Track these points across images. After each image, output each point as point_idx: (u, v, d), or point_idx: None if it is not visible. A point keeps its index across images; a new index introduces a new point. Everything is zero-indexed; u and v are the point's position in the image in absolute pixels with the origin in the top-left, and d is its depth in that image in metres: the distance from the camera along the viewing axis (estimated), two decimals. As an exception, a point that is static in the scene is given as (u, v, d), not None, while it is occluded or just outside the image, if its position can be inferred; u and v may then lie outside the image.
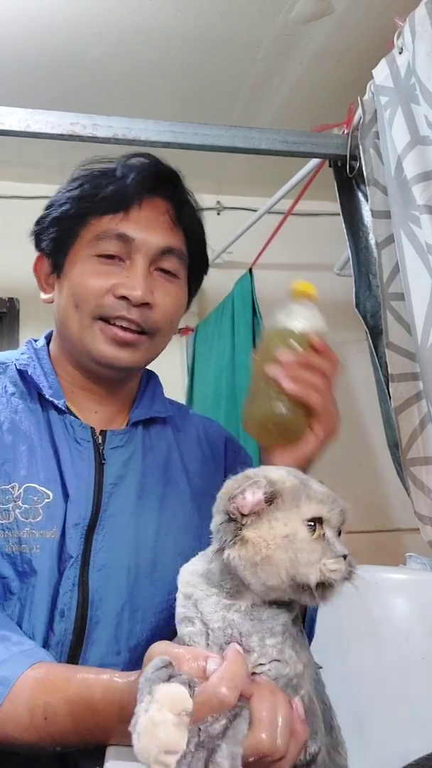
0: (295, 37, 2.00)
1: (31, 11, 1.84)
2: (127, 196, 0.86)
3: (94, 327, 0.86)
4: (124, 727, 0.61)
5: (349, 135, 1.48)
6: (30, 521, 0.79)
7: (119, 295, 0.85)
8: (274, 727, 0.56)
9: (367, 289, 1.46)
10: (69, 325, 0.88)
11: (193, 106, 2.26)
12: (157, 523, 0.88)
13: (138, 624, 0.81)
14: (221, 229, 2.79)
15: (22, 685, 0.66)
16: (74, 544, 0.80)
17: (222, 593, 0.62)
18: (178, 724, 0.49)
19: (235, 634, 0.60)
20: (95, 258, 0.86)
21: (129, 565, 0.83)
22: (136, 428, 0.93)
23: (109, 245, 0.86)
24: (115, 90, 2.16)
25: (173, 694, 0.50)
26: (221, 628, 0.60)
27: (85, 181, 0.89)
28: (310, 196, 1.96)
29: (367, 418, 2.71)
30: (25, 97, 1.92)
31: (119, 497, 0.86)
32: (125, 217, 0.86)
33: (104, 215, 0.86)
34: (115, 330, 0.86)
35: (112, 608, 0.80)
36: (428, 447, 1.23)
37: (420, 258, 1.18)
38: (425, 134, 1.19)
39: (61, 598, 0.78)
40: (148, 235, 0.87)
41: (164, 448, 0.95)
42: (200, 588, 0.64)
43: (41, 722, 0.65)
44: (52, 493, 0.81)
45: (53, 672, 0.68)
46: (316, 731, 0.63)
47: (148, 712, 0.49)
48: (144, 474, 0.90)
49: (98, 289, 0.85)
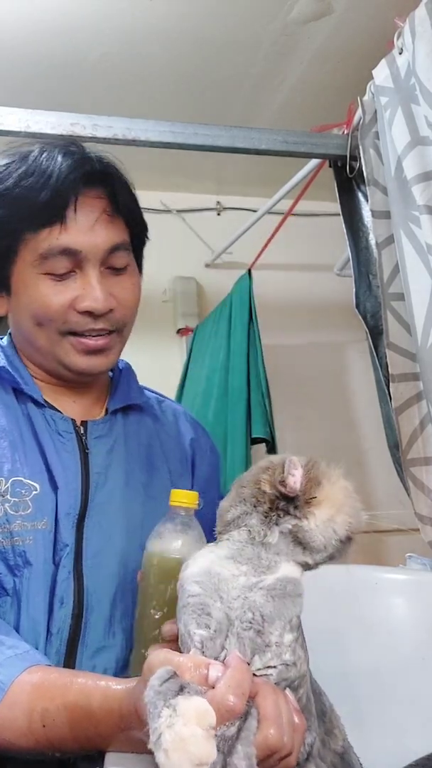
0: (295, 38, 2.00)
1: (32, 12, 1.84)
2: (60, 203, 0.81)
3: (63, 342, 0.85)
4: (123, 735, 0.61)
5: (349, 135, 1.48)
6: (21, 514, 0.80)
7: (82, 310, 0.83)
8: (280, 722, 0.56)
9: (367, 289, 1.46)
10: (35, 340, 0.86)
11: (194, 107, 2.26)
12: (143, 509, 0.89)
13: (130, 605, 0.83)
14: (221, 229, 2.79)
15: (19, 690, 0.66)
16: (68, 533, 0.82)
17: (253, 570, 0.62)
18: (207, 738, 0.49)
19: (257, 618, 0.59)
20: (45, 277, 0.83)
21: (120, 551, 0.85)
22: (116, 416, 0.94)
23: (56, 263, 0.82)
24: (115, 90, 2.16)
25: (198, 708, 0.50)
26: (242, 612, 0.60)
27: (13, 187, 0.82)
28: (310, 196, 1.96)
29: (367, 419, 2.72)
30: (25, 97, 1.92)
31: (106, 486, 0.87)
32: (63, 228, 0.81)
33: (41, 230, 0.81)
34: (87, 341, 0.85)
35: (107, 593, 0.82)
36: (428, 447, 1.23)
37: (420, 258, 1.18)
38: (425, 134, 1.19)
39: (60, 585, 0.79)
40: (93, 240, 0.83)
41: (144, 435, 0.97)
42: (227, 568, 0.63)
43: (39, 728, 0.64)
44: (39, 485, 0.82)
45: (50, 677, 0.67)
46: (309, 726, 0.63)
47: (174, 727, 0.49)
48: (128, 461, 0.91)
49: (58, 308, 0.83)
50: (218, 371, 2.33)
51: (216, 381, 2.33)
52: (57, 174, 0.81)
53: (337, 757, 0.67)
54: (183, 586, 0.63)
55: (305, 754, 0.61)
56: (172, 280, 2.78)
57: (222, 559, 0.64)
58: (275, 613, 0.60)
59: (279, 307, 2.73)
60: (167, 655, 0.58)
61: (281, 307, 2.77)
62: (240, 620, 0.59)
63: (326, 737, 0.66)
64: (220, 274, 2.82)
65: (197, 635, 0.59)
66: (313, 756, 0.63)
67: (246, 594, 0.60)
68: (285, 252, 2.68)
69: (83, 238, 0.82)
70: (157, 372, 2.55)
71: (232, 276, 2.48)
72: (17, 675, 0.67)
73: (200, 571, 0.63)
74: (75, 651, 0.79)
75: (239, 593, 0.61)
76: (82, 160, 0.84)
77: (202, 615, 0.60)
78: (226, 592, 0.61)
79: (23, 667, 0.68)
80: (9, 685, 0.66)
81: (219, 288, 2.69)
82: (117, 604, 0.83)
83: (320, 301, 2.81)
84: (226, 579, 0.62)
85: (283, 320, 2.73)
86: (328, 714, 0.68)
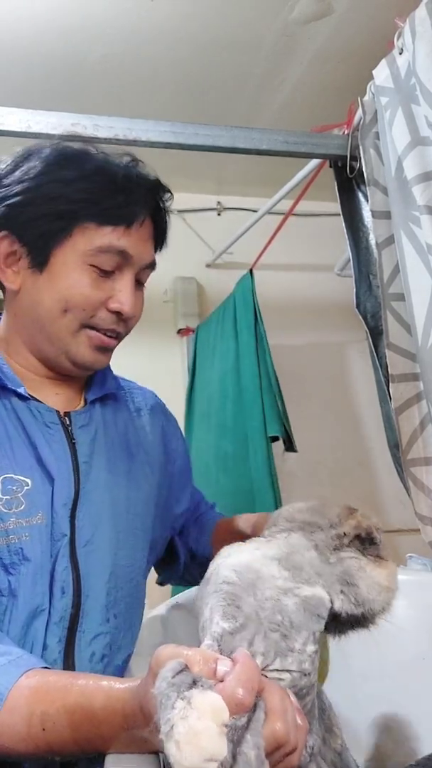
0: (296, 38, 2.00)
1: (33, 12, 1.84)
2: (134, 213, 0.86)
3: (81, 333, 0.88)
4: (125, 735, 0.61)
5: (350, 135, 1.48)
6: (14, 511, 0.80)
7: (113, 310, 0.87)
8: (286, 717, 0.56)
9: (367, 289, 1.46)
10: (50, 325, 0.87)
11: (194, 107, 2.26)
12: (126, 495, 0.92)
13: (120, 590, 0.86)
14: (221, 229, 2.80)
15: (17, 695, 0.65)
16: (65, 522, 0.83)
17: (292, 577, 0.62)
18: (220, 734, 0.49)
19: (286, 623, 0.59)
20: (92, 269, 0.86)
21: (109, 537, 0.87)
22: (94, 406, 0.96)
23: (109, 261, 0.86)
24: (116, 90, 2.16)
25: (213, 703, 0.50)
26: (272, 614, 0.60)
27: (81, 178, 0.85)
28: (310, 196, 1.96)
29: (367, 419, 2.72)
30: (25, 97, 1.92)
31: (93, 474, 0.89)
32: (126, 232, 0.86)
33: (106, 225, 0.85)
34: (103, 337, 0.89)
35: (101, 579, 0.84)
36: (428, 447, 1.23)
37: (420, 258, 1.18)
38: (425, 135, 1.19)
39: (60, 575, 0.81)
40: (142, 253, 0.89)
41: (121, 422, 1.00)
42: (269, 568, 0.63)
43: (39, 732, 0.64)
44: (30, 480, 0.82)
45: (48, 680, 0.67)
46: (311, 729, 0.63)
47: (188, 720, 0.48)
48: (109, 449, 0.93)
49: (94, 301, 0.86)
50: (230, 373, 2.33)
51: (229, 383, 2.33)
52: (137, 185, 0.88)
53: (337, 755, 0.67)
54: (219, 571, 0.63)
55: (307, 756, 0.61)
56: (173, 281, 2.78)
57: (267, 558, 0.64)
58: (303, 623, 0.60)
59: (279, 308, 2.73)
60: (175, 648, 0.58)
61: (282, 307, 2.77)
62: (269, 620, 0.59)
63: (326, 735, 0.66)
64: (220, 275, 2.82)
65: (219, 627, 0.59)
66: (314, 755, 0.63)
67: (280, 596, 0.60)
68: (285, 252, 2.68)
69: (138, 248, 0.88)
70: (158, 372, 2.55)
71: (232, 276, 2.48)
72: (14, 681, 0.66)
73: (240, 563, 0.63)
74: (74, 638, 0.81)
75: (273, 594, 0.61)
76: (156, 185, 0.92)
77: (231, 606, 0.59)
78: (261, 591, 0.61)
79: (19, 672, 0.67)
80: (7, 693, 0.65)
81: (220, 288, 2.69)
82: (110, 589, 0.85)
83: (320, 302, 2.82)
84: (264, 578, 0.62)
85: (284, 320, 2.73)
86: (327, 712, 0.69)
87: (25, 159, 0.88)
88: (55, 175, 0.85)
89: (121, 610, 0.86)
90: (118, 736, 0.61)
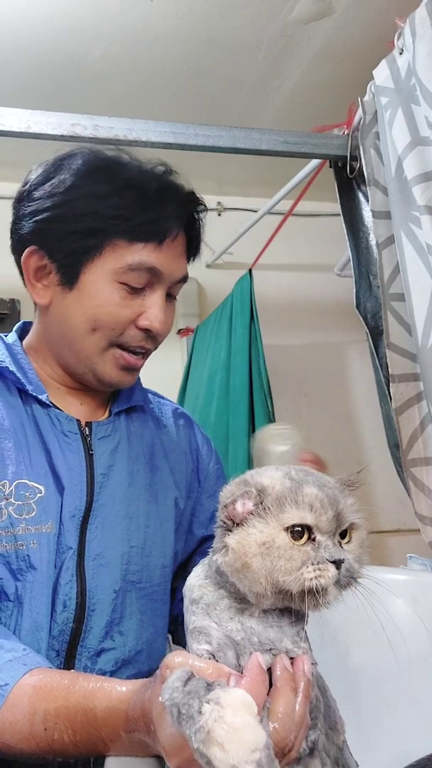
0: (296, 38, 2.00)
1: (32, 12, 1.84)
2: (166, 229, 0.84)
3: (108, 352, 0.86)
4: (126, 738, 0.60)
5: (350, 135, 1.48)
6: (24, 517, 0.79)
7: (143, 327, 0.86)
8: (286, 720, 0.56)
9: (367, 289, 1.46)
10: (78, 343, 0.86)
11: (194, 107, 2.26)
12: (146, 509, 0.89)
13: (129, 607, 0.84)
14: (221, 229, 2.79)
15: (20, 693, 0.65)
16: (72, 535, 0.81)
17: (231, 596, 0.62)
18: (257, 723, 0.49)
19: (264, 642, 0.59)
20: (122, 287, 0.84)
21: (122, 552, 0.85)
22: (119, 417, 0.94)
23: (139, 278, 0.84)
24: (116, 91, 2.16)
25: (242, 697, 0.50)
26: (245, 638, 0.59)
27: (112, 193, 0.83)
28: (310, 196, 1.96)
29: (367, 419, 2.72)
30: (25, 97, 1.93)
31: (110, 487, 0.87)
32: (157, 249, 0.84)
33: (137, 242, 0.83)
34: (129, 358, 0.87)
35: (108, 595, 0.82)
36: (429, 448, 1.23)
37: (420, 258, 1.18)
38: (425, 135, 1.19)
39: (62, 588, 0.79)
40: (173, 269, 0.87)
41: (148, 435, 0.97)
42: (209, 589, 0.63)
43: (41, 732, 0.63)
44: (44, 488, 0.81)
45: (52, 679, 0.66)
46: (315, 724, 0.63)
47: (224, 719, 0.48)
48: (131, 461, 0.91)
49: (125, 320, 0.85)
50: (220, 371, 2.34)
51: (218, 381, 2.33)
52: (169, 199, 0.85)
53: (339, 752, 0.67)
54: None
55: (307, 749, 0.61)
56: (173, 281, 2.78)
57: (202, 579, 0.64)
58: (282, 635, 0.60)
59: (279, 308, 2.73)
60: (186, 658, 0.57)
61: (281, 307, 2.77)
62: (248, 641, 0.59)
63: (330, 732, 0.67)
64: (220, 275, 2.82)
65: (202, 650, 0.59)
66: (318, 750, 0.63)
67: (240, 619, 0.60)
68: (285, 252, 2.68)
69: (169, 265, 0.86)
70: (158, 372, 2.54)
71: (232, 276, 2.48)
72: (18, 678, 0.66)
73: (189, 601, 0.64)
74: (75, 653, 0.79)
75: (229, 615, 0.61)
76: (190, 198, 0.89)
77: (203, 641, 0.60)
78: (218, 619, 0.61)
79: (24, 670, 0.67)
80: (10, 689, 0.65)
81: (220, 288, 2.69)
82: (117, 606, 0.82)
83: (320, 302, 2.82)
84: (211, 603, 0.62)
85: (284, 320, 2.73)
86: (333, 708, 0.69)
87: (56, 170, 0.86)
88: (85, 190, 0.83)
89: (130, 628, 0.83)
90: (118, 738, 0.61)
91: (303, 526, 0.58)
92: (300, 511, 0.58)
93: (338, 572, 0.57)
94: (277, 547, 0.57)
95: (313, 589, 0.56)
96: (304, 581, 0.56)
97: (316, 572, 0.56)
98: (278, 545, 0.57)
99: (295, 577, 0.56)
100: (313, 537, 0.58)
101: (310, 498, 0.59)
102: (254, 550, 0.58)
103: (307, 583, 0.56)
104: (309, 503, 0.59)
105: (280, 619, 0.61)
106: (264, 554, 0.57)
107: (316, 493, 0.60)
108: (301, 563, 0.57)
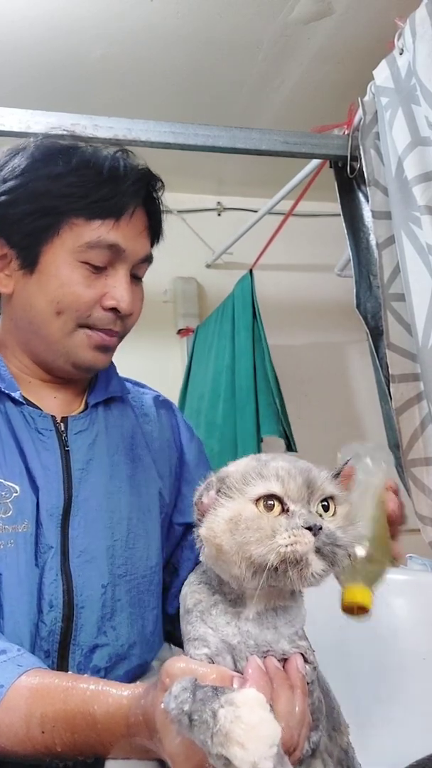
0: (296, 38, 2.00)
1: (32, 12, 1.84)
2: (123, 204, 0.83)
3: (76, 334, 0.85)
4: (126, 742, 0.60)
5: (350, 136, 1.48)
6: (1, 517, 0.77)
7: (108, 307, 0.84)
8: (288, 719, 0.56)
9: (367, 289, 1.47)
10: (45, 328, 0.85)
11: (194, 107, 2.26)
12: (128, 501, 0.88)
13: (118, 601, 0.83)
14: (222, 229, 2.80)
15: (16, 695, 0.63)
16: (52, 534, 0.80)
17: (225, 601, 0.61)
18: (273, 718, 0.49)
19: (261, 644, 0.59)
20: (83, 266, 0.83)
21: (107, 545, 0.83)
22: (96, 410, 0.93)
23: (99, 256, 0.83)
24: (116, 91, 2.16)
25: (255, 695, 0.50)
26: (242, 642, 0.59)
27: (67, 173, 0.82)
28: (310, 196, 1.97)
29: (367, 419, 2.71)
30: (25, 97, 1.92)
31: (89, 481, 0.85)
32: (116, 225, 0.83)
33: (94, 220, 0.82)
34: (101, 336, 0.86)
35: (96, 590, 0.81)
36: (429, 448, 1.23)
37: (420, 259, 1.18)
38: (426, 135, 1.19)
39: (47, 588, 0.77)
40: (135, 247, 0.85)
41: (128, 426, 0.95)
42: (203, 595, 0.63)
43: (38, 735, 0.62)
44: (19, 487, 0.80)
45: (50, 681, 0.65)
46: (318, 725, 0.63)
47: (241, 718, 0.48)
48: (111, 453, 0.90)
49: (88, 299, 0.83)
50: (224, 372, 2.33)
51: (223, 382, 2.33)
52: (124, 175, 0.84)
53: (343, 752, 0.67)
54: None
55: (310, 751, 0.61)
56: (173, 281, 2.78)
57: (196, 585, 0.64)
58: (279, 636, 0.60)
59: (280, 308, 2.73)
60: (188, 663, 0.57)
61: (282, 307, 2.77)
62: (245, 644, 0.59)
63: (333, 733, 0.66)
64: (220, 275, 2.82)
65: (200, 654, 0.59)
66: (320, 751, 0.63)
67: (236, 623, 0.60)
68: (285, 252, 2.68)
69: (129, 242, 0.84)
70: (158, 372, 2.55)
71: (232, 276, 2.48)
72: (13, 680, 0.64)
73: (185, 610, 0.63)
74: (67, 652, 0.78)
75: (225, 620, 0.60)
76: (147, 174, 0.88)
77: (201, 646, 0.60)
78: (214, 624, 0.61)
79: (19, 671, 0.66)
80: (5, 691, 0.64)
81: (220, 288, 2.69)
82: (107, 601, 0.81)
83: (321, 302, 2.81)
84: (205, 609, 0.62)
85: (284, 321, 2.73)
86: (336, 710, 0.69)
87: (11, 157, 0.85)
88: (40, 172, 0.83)
89: (121, 621, 0.82)
90: (118, 742, 0.61)
91: (273, 497, 0.56)
92: (266, 481, 0.57)
93: (315, 539, 0.55)
94: (245, 519, 0.56)
95: (292, 559, 0.54)
96: (279, 549, 0.54)
97: (291, 539, 0.54)
98: (246, 517, 0.56)
99: (268, 547, 0.54)
100: (286, 508, 0.56)
101: (276, 469, 0.58)
102: (222, 527, 0.57)
103: (282, 550, 0.54)
104: (275, 474, 0.58)
105: (276, 620, 0.61)
106: (233, 529, 0.56)
107: (282, 464, 0.59)
108: (272, 531, 0.55)
